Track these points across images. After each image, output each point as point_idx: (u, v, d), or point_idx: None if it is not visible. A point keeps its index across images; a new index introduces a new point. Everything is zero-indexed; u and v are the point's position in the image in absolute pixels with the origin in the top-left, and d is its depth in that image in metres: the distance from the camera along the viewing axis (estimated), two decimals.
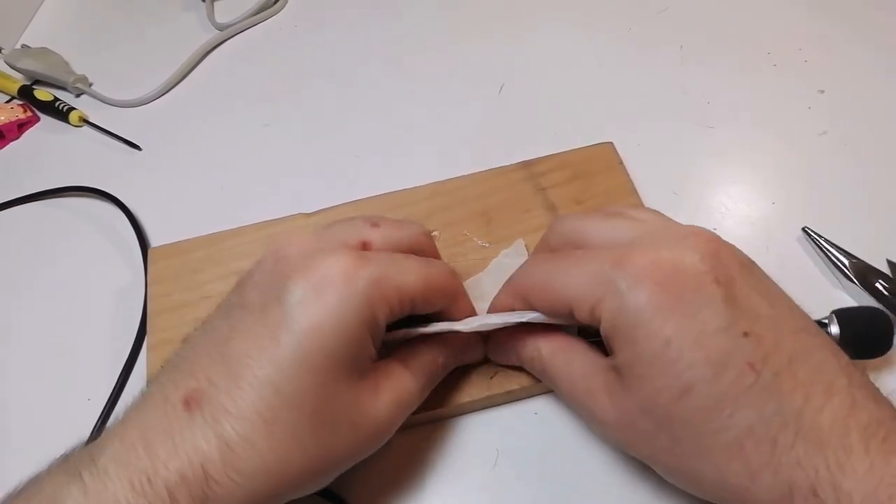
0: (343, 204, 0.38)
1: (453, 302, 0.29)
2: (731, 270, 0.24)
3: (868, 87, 0.45)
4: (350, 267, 0.24)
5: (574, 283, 0.25)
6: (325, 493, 0.30)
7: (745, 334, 0.22)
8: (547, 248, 0.30)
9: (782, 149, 0.42)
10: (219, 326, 0.25)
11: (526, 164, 0.39)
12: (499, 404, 0.33)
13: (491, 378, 0.32)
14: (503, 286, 0.30)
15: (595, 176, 0.38)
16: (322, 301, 0.24)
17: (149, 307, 0.35)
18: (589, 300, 0.24)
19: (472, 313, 0.30)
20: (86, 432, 0.33)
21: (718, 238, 0.25)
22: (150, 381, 0.25)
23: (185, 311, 0.35)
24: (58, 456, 0.24)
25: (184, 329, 0.34)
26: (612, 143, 0.40)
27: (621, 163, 0.39)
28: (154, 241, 0.41)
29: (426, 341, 0.29)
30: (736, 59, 0.47)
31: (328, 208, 0.38)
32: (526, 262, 0.30)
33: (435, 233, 0.36)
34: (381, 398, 0.26)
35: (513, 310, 0.29)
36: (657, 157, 0.42)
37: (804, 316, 0.25)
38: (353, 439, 0.25)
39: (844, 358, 0.23)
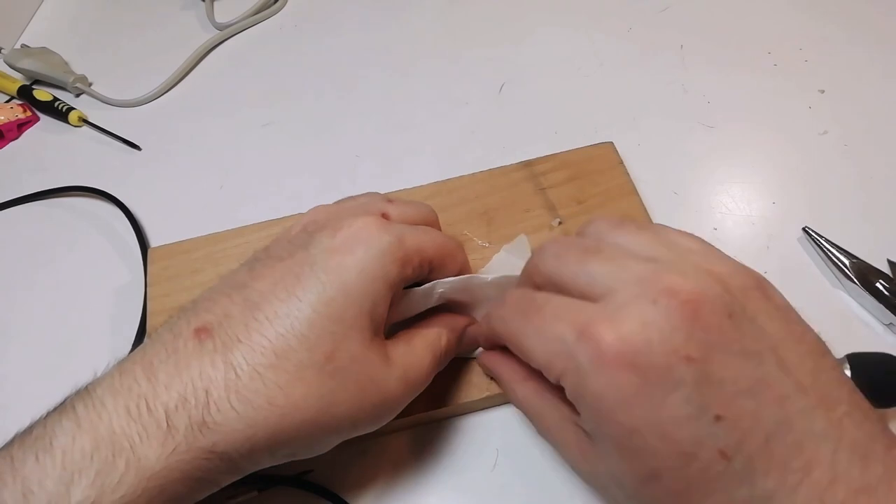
0: None
1: (463, 271, 0.31)
2: (711, 335, 0.21)
3: (868, 87, 0.45)
4: (375, 226, 0.26)
5: (540, 349, 0.24)
6: (325, 493, 0.30)
7: (718, 418, 0.20)
8: (529, 283, 0.28)
9: (783, 148, 0.42)
10: (240, 273, 0.26)
11: (526, 164, 0.39)
12: (499, 404, 0.33)
13: (491, 378, 0.32)
14: (487, 313, 0.30)
15: (595, 176, 0.38)
16: (348, 251, 0.25)
17: (148, 307, 0.35)
18: (553, 370, 0.23)
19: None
20: None
21: (704, 282, 0.21)
22: (162, 324, 0.25)
23: None
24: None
25: None
26: (612, 143, 0.40)
27: (621, 163, 0.39)
28: (153, 240, 0.41)
29: (428, 322, 0.30)
30: (736, 59, 0.47)
31: None
32: (506, 299, 0.27)
33: None
34: (390, 370, 0.26)
35: (490, 335, 0.29)
36: (657, 157, 0.42)
37: (801, 361, 0.22)
38: (358, 401, 0.24)
39: (840, 408, 0.21)
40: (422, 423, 0.32)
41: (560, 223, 0.37)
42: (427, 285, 0.29)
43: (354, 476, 0.31)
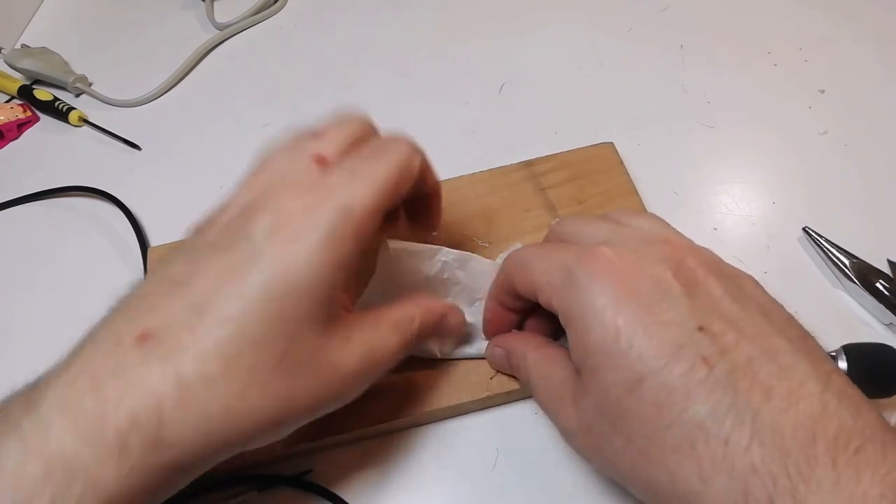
0: None
1: (421, 178, 0.28)
2: (695, 275, 0.23)
3: (868, 86, 0.45)
4: (314, 201, 0.23)
5: (542, 269, 0.25)
6: (324, 493, 0.30)
7: (701, 328, 0.21)
8: None
9: (783, 148, 0.42)
10: (178, 266, 0.24)
11: (526, 164, 0.39)
12: (499, 404, 0.33)
13: (491, 378, 0.32)
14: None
15: (595, 176, 0.38)
16: (293, 239, 0.23)
17: None
18: (550, 288, 0.25)
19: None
20: None
21: (692, 248, 0.25)
22: (98, 323, 0.23)
23: None
24: None
25: None
26: (612, 143, 0.40)
27: (621, 163, 0.39)
28: (153, 240, 0.41)
29: (403, 301, 0.28)
30: (736, 59, 0.47)
31: None
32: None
33: (434, 232, 0.36)
34: (351, 349, 0.24)
35: (507, 288, 0.29)
36: (657, 157, 0.42)
37: (789, 326, 0.23)
38: (317, 388, 0.24)
39: (828, 365, 0.21)
40: (422, 422, 0.32)
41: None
42: (430, 247, 0.29)
43: (354, 476, 0.31)
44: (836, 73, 0.45)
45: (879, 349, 0.31)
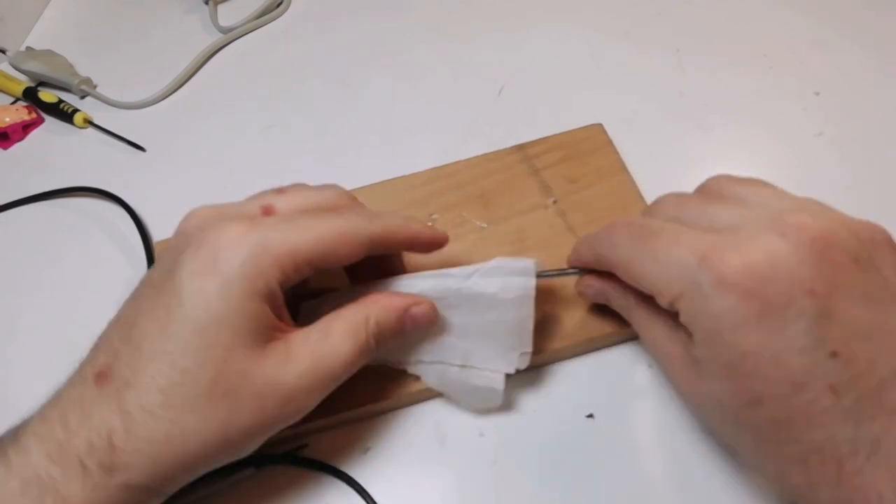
0: None
1: (378, 249, 0.27)
2: (837, 274, 0.21)
3: (863, 88, 0.45)
4: (235, 235, 0.24)
5: (657, 271, 0.24)
6: (321, 465, 0.31)
7: (833, 354, 0.20)
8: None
9: (778, 150, 0.43)
10: (130, 306, 0.27)
11: (519, 147, 0.41)
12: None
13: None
14: (585, 244, 0.29)
15: (586, 156, 0.40)
16: (208, 272, 0.24)
17: None
18: (670, 292, 0.23)
19: (401, 267, 0.29)
20: None
21: (834, 225, 0.22)
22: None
23: None
24: None
25: None
26: (601, 124, 0.41)
27: (610, 142, 0.40)
28: (157, 241, 0.42)
29: (354, 302, 0.27)
30: (732, 62, 0.48)
31: None
32: (615, 225, 0.27)
33: (435, 216, 0.37)
34: (292, 366, 0.25)
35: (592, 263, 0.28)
36: (655, 158, 0.42)
37: None
38: (260, 409, 0.24)
39: None
40: (422, 399, 0.32)
41: (555, 202, 0.38)
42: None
43: (347, 451, 0.31)
44: (830, 75, 0.46)
45: None
